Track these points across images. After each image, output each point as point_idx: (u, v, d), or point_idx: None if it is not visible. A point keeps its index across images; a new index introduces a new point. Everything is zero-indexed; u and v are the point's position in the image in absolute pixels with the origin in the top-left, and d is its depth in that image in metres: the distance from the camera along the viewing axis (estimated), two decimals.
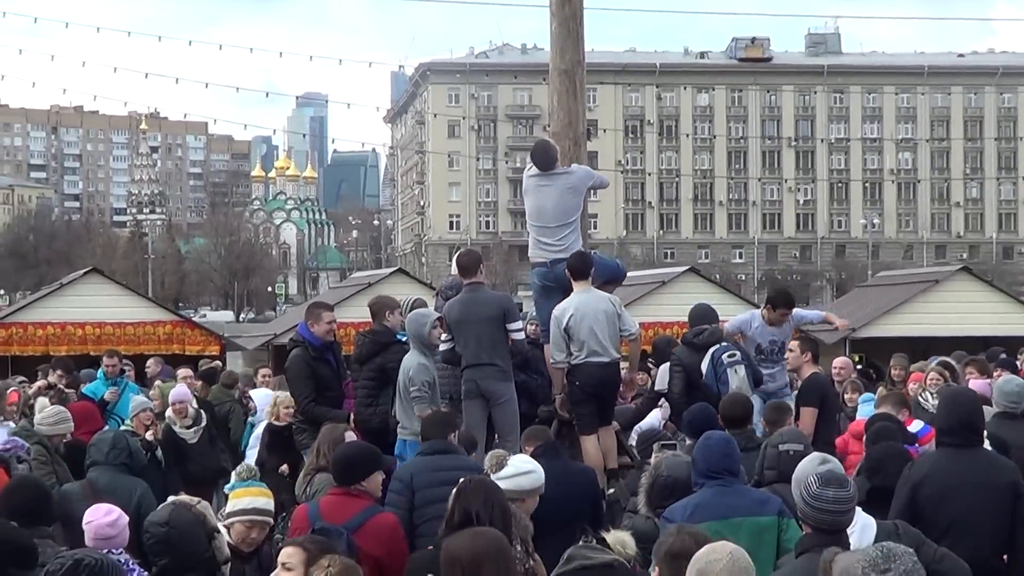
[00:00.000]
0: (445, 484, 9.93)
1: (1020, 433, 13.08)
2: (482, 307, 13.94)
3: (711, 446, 9.98)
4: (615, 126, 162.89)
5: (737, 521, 9.07)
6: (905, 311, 36.53)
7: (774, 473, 10.23)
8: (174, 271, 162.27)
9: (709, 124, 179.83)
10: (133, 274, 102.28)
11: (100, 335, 31.45)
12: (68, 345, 29.57)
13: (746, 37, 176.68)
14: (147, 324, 33.69)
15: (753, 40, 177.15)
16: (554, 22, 17.36)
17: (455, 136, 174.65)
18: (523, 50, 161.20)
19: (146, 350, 29.80)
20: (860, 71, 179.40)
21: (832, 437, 13.47)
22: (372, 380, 14.70)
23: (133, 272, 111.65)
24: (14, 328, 33.74)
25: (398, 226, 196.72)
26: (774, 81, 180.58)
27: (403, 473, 10.54)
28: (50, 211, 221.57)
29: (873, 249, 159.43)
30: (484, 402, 13.70)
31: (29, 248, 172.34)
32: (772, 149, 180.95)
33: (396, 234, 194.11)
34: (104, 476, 11.62)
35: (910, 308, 36.83)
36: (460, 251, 16.00)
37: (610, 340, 13.89)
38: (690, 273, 37.61)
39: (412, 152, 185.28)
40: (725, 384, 14.27)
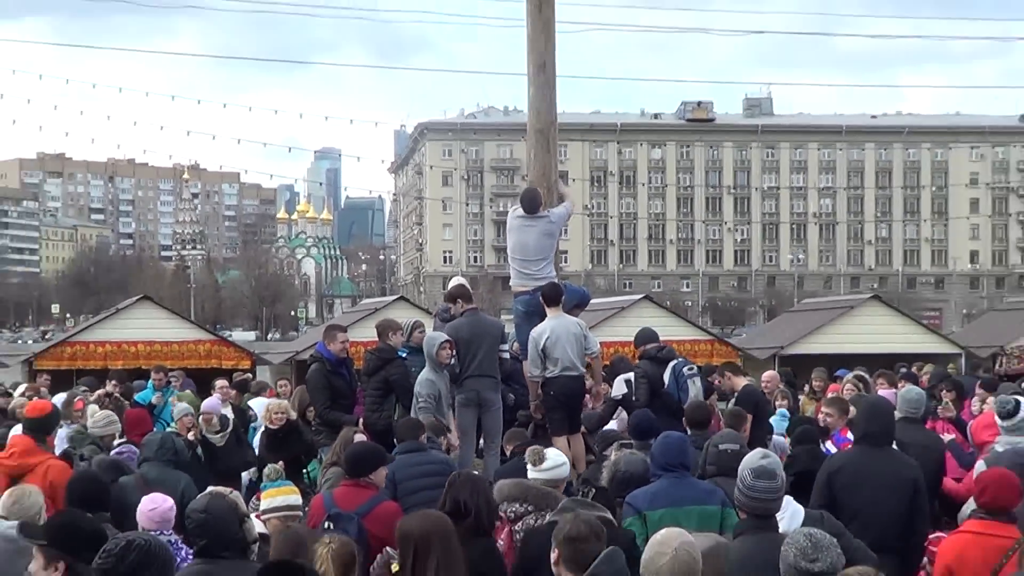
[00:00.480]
0: (421, 476, 10.66)
1: (918, 435, 13.23)
2: (487, 328, 14.07)
3: (669, 444, 10.07)
4: (583, 176, 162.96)
5: (688, 509, 9.17)
6: (825, 332, 36.57)
7: (715, 468, 10.26)
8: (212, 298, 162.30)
9: (661, 175, 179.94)
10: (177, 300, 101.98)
11: (150, 352, 31.42)
12: (123, 360, 29.52)
13: (693, 101, 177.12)
14: (189, 342, 33.65)
15: (699, 103, 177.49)
16: (531, 88, 17.40)
17: (448, 184, 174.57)
18: (505, 111, 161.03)
19: (189, 364, 29.75)
20: (788, 130, 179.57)
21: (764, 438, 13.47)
22: (378, 390, 14.67)
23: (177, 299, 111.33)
24: (78, 346, 33.73)
25: (400, 260, 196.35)
26: (716, 138, 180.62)
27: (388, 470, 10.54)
28: (108, 247, 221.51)
29: (798, 280, 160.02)
30: (477, 408, 13.78)
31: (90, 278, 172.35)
32: (714, 196, 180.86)
33: (399, 267, 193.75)
34: (154, 470, 11.65)
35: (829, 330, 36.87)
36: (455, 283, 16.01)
37: (578, 357, 14.00)
38: (645, 300, 37.56)
39: (412, 198, 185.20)
40: (686, 392, 14.36)
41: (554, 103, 17.60)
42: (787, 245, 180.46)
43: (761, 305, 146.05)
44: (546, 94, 17.40)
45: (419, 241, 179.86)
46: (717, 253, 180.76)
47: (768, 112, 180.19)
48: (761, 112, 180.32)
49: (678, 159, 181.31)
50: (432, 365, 14.04)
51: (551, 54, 17.28)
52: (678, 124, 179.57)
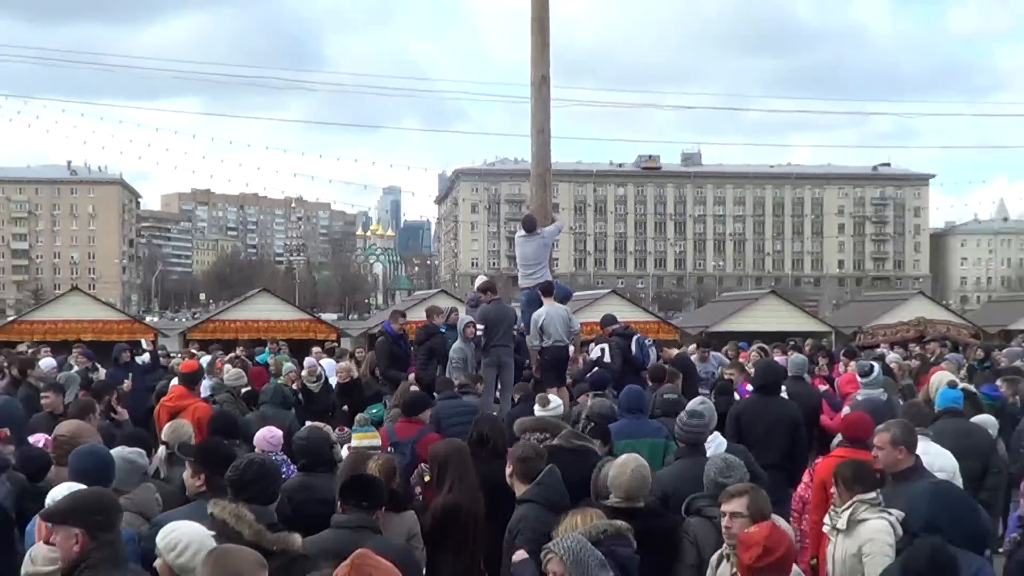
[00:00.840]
0: (454, 415, 10.69)
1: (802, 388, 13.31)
2: (506, 313, 14.17)
3: (631, 393, 10.14)
4: (569, 206, 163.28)
5: (642, 440, 9.16)
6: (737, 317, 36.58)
7: (660, 411, 10.30)
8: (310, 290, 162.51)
9: (624, 206, 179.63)
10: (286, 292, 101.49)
11: (267, 327, 31.37)
12: (248, 334, 29.53)
13: (646, 154, 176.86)
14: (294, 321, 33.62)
15: (650, 156, 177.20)
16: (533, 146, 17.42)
17: (475, 212, 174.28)
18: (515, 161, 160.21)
19: (294, 336, 29.80)
20: (712, 175, 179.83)
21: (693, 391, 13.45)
22: (425, 355, 14.79)
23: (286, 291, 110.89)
24: (217, 323, 33.77)
25: (441, 264, 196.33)
26: (662, 181, 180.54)
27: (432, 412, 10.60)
28: (238, 255, 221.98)
29: (719, 280, 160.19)
30: (497, 368, 13.79)
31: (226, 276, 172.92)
32: (660, 221, 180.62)
33: (440, 269, 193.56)
34: (269, 410, 11.70)
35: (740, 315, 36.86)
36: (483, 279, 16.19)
37: (564, 333, 14.01)
38: (612, 294, 37.73)
39: (450, 221, 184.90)
40: (648, 358, 14.51)
41: (549, 156, 17.63)
42: (711, 256, 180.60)
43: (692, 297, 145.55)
44: (543, 150, 17.44)
45: (455, 251, 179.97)
46: (662, 261, 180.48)
47: (698, 163, 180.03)
48: (693, 163, 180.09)
49: (635, 195, 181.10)
50: (462, 338, 14.23)
51: (547, 121, 17.29)
52: (635, 171, 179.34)
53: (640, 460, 6.95)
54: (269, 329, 31.13)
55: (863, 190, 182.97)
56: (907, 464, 7.53)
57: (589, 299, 34.22)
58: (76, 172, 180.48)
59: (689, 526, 6.62)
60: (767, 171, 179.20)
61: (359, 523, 6.00)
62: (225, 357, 19.36)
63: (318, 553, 5.64)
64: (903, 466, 7.52)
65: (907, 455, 7.57)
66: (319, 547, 5.75)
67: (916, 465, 7.60)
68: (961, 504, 6.15)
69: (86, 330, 30.30)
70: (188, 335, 33.01)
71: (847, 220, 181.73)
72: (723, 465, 6.75)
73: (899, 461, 7.53)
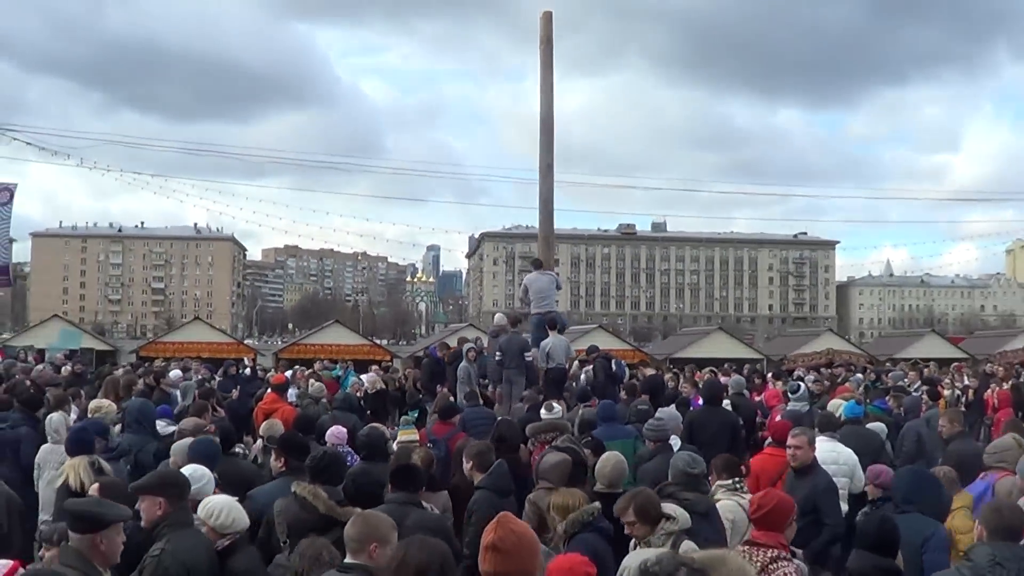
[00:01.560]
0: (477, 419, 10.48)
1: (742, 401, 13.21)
2: (519, 343, 13.79)
3: (605, 406, 10.07)
4: (567, 262, 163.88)
5: (620, 441, 8.97)
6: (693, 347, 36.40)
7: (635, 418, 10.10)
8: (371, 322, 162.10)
9: (608, 261, 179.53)
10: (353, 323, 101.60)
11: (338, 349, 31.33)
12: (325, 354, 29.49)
13: (625, 223, 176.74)
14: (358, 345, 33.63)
15: (628, 224, 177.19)
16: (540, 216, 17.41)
17: (496, 265, 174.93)
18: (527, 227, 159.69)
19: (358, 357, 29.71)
20: (675, 240, 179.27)
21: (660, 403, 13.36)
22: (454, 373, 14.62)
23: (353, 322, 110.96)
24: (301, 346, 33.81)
25: (470, 304, 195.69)
26: (637, 243, 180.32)
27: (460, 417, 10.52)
28: (317, 294, 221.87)
29: (680, 318, 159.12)
30: (510, 384, 13.47)
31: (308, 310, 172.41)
32: (635, 273, 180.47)
33: (469, 307, 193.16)
34: (339, 413, 11.57)
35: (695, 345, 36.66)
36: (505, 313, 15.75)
37: (565, 357, 13.86)
38: (598, 328, 37.49)
39: (477, 272, 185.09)
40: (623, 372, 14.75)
41: (552, 223, 17.59)
42: (674, 300, 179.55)
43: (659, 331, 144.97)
44: (548, 219, 17.39)
45: (480, 294, 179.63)
46: (637, 303, 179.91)
47: (664, 230, 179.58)
48: (661, 230, 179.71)
49: (616, 254, 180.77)
50: (466, 360, 14.28)
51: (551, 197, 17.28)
52: (617, 236, 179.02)
53: (619, 456, 6.89)
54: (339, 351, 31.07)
55: (787, 252, 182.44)
56: (811, 460, 7.62)
57: (581, 332, 34.05)
58: (200, 231, 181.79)
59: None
60: (716, 237, 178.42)
61: (405, 500, 5.97)
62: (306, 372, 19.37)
63: None
64: (809, 461, 7.59)
65: (812, 454, 7.67)
66: None
67: (814, 462, 7.69)
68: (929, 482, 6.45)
69: (204, 349, 30.42)
70: (279, 355, 33.00)
71: (775, 274, 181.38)
72: (689, 459, 6.62)
73: (809, 458, 7.59)
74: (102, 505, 4.63)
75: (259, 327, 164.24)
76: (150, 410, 10.37)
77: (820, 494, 7.28)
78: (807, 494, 7.17)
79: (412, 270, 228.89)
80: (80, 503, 4.73)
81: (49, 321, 36.44)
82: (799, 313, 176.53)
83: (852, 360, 32.49)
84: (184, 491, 5.32)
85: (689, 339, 40.25)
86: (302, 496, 5.58)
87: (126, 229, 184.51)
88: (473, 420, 10.58)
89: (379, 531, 4.27)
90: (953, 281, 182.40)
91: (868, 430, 10.27)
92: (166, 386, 13.78)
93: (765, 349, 43.03)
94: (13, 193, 29.92)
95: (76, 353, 27.59)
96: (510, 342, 13.77)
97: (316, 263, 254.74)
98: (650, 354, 37.21)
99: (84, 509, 4.55)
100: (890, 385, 16.81)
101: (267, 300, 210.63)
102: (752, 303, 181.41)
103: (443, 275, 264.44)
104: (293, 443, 7.06)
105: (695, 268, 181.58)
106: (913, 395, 14.70)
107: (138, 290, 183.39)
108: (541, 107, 17.21)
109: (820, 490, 7.33)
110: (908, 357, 30.18)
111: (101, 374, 17.64)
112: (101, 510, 4.52)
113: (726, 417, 10.59)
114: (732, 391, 13.45)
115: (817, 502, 7.19)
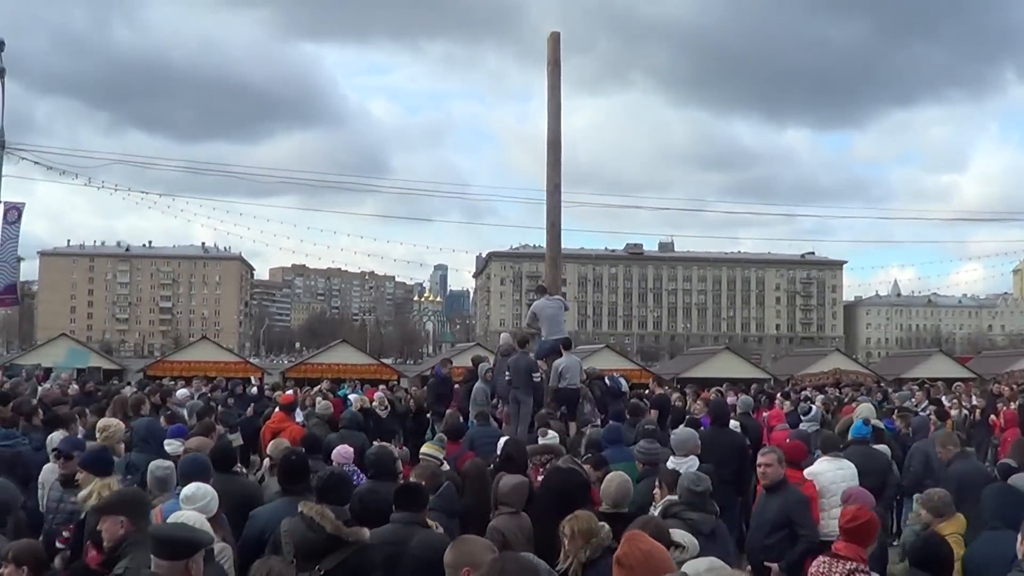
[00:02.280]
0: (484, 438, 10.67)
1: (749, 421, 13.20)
2: (527, 362, 13.67)
3: (611, 429, 10.16)
4: (574, 282, 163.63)
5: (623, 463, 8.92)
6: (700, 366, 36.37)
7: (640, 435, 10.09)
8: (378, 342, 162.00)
9: (615, 281, 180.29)
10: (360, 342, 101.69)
11: (345, 369, 31.43)
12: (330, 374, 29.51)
13: (632, 243, 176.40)
14: (365, 365, 33.72)
15: (635, 244, 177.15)
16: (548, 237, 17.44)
17: (503, 285, 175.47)
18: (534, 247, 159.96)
19: (365, 376, 29.78)
20: (682, 259, 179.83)
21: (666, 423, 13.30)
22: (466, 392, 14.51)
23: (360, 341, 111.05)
24: (308, 365, 33.89)
25: (477, 323, 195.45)
26: (644, 262, 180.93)
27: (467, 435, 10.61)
28: (324, 313, 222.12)
29: (687, 338, 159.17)
30: (518, 404, 13.33)
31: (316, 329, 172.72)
32: (642, 293, 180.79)
33: (477, 326, 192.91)
34: (347, 432, 11.50)
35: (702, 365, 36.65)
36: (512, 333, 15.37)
37: (577, 377, 13.77)
38: (606, 348, 37.55)
39: (484, 291, 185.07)
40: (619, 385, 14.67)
41: (559, 243, 17.58)
42: (681, 319, 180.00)
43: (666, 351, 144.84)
44: (555, 239, 17.38)
45: (487, 314, 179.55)
46: (644, 323, 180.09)
47: (671, 250, 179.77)
48: (668, 250, 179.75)
49: (624, 274, 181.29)
50: (482, 380, 14.25)
51: (558, 217, 17.26)
52: (624, 255, 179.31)
53: (624, 476, 6.86)
54: (347, 370, 31.18)
55: (794, 272, 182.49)
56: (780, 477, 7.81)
57: (588, 352, 34.04)
58: (207, 251, 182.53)
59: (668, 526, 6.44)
60: (723, 257, 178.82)
61: (410, 520, 5.93)
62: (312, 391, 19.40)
63: (380, 541, 5.69)
64: (779, 479, 7.80)
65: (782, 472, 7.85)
66: (381, 537, 5.78)
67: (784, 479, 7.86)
68: (1019, 499, 6.51)
69: (211, 368, 30.34)
70: (286, 374, 33.03)
71: (782, 294, 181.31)
72: (695, 477, 6.66)
73: (779, 475, 7.80)
74: (192, 530, 4.63)
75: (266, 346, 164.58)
76: (157, 429, 10.38)
77: (792, 506, 7.63)
78: (779, 508, 7.57)
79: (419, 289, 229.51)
80: (168, 528, 4.74)
81: (56, 340, 36.62)
82: (806, 333, 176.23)
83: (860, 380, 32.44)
84: (146, 510, 5.41)
85: (696, 359, 40.23)
86: (309, 516, 5.55)
87: (133, 248, 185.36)
88: (480, 439, 10.57)
89: (473, 556, 4.26)
90: (960, 301, 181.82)
91: (875, 450, 10.26)
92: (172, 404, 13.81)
93: (772, 369, 42.95)
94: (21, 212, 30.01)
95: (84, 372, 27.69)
96: (518, 362, 13.72)
97: (323, 282, 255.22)
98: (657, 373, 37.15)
99: (175, 535, 4.53)
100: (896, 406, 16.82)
101: (274, 319, 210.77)
102: (759, 323, 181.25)
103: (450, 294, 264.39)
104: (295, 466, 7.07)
105: (702, 288, 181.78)
106: (921, 415, 14.68)
107: (145, 309, 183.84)
108: (549, 128, 17.22)
109: (792, 502, 7.66)
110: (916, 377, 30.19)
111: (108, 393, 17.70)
112: (193, 535, 4.52)
113: (733, 438, 10.60)
114: (739, 411, 13.44)
115: (791, 514, 7.57)
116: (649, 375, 34.16)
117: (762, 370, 38.83)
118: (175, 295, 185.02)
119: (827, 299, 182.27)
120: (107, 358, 39.91)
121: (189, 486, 6.08)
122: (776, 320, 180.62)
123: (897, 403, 17.53)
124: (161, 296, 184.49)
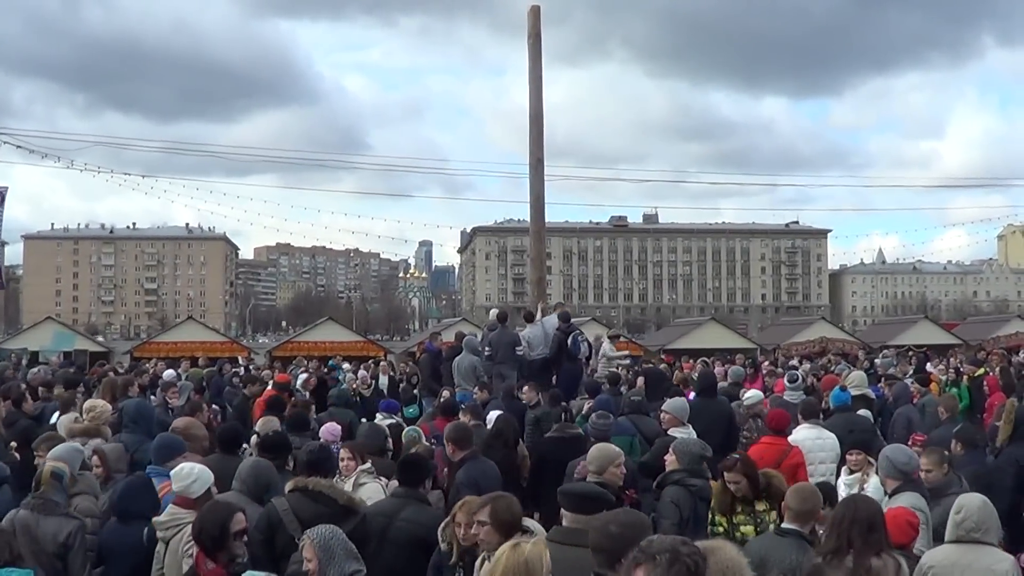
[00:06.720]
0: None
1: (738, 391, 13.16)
2: (511, 337, 13.71)
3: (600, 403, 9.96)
4: (559, 255, 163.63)
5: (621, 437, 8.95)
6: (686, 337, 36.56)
7: (628, 409, 10.14)
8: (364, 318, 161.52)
9: (601, 254, 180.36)
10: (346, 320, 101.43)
11: (332, 346, 31.45)
12: (318, 352, 29.55)
13: (616, 215, 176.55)
14: (352, 342, 33.75)
15: (620, 217, 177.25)
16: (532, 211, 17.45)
17: (488, 259, 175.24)
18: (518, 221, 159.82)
19: (352, 353, 29.76)
20: (666, 231, 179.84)
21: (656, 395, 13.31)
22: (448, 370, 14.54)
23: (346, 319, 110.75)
24: (295, 343, 33.88)
25: (463, 298, 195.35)
26: (628, 235, 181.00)
27: None
28: (310, 292, 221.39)
29: (673, 309, 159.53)
30: (502, 379, 13.27)
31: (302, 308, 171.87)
32: (628, 265, 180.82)
33: (462, 302, 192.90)
34: (336, 410, 11.55)
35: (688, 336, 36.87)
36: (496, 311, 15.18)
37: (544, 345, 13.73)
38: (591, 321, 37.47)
39: (469, 266, 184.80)
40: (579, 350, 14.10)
41: (543, 217, 17.61)
42: (667, 291, 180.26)
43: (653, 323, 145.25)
44: (539, 213, 17.42)
45: (473, 289, 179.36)
46: (630, 295, 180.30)
47: (655, 222, 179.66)
48: (652, 222, 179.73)
49: (609, 247, 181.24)
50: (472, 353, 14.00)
51: (542, 191, 17.28)
52: (609, 228, 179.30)
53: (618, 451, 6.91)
54: (333, 348, 31.18)
55: (779, 242, 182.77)
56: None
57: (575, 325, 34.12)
58: (191, 231, 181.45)
59: (670, 493, 6.46)
60: (707, 228, 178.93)
61: (406, 494, 6.02)
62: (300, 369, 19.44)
63: (375, 512, 5.83)
64: None
65: None
66: (378, 509, 5.95)
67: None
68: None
69: (197, 349, 30.30)
70: (273, 353, 33.07)
71: (767, 264, 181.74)
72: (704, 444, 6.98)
73: None
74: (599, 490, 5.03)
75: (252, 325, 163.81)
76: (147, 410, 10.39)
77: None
78: None
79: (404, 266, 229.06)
80: (581, 487, 5.07)
81: (42, 323, 36.45)
82: (792, 302, 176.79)
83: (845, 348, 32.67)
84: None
85: (683, 330, 40.39)
86: (316, 490, 5.60)
87: (117, 230, 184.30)
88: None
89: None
90: (945, 267, 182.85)
91: (857, 416, 10.37)
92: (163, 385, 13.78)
93: (759, 339, 43.21)
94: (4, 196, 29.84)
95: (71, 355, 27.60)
96: (500, 337, 13.73)
97: (308, 260, 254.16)
98: (644, 345, 37.32)
99: (592, 492, 4.89)
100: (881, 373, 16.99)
101: (260, 298, 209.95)
102: (745, 293, 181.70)
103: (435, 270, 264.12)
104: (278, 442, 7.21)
105: (687, 259, 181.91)
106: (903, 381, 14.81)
107: (131, 291, 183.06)
108: (530, 102, 17.17)
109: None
110: (902, 344, 30.38)
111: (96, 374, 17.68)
112: (604, 494, 4.92)
113: (720, 408, 10.62)
114: (730, 381, 13.50)
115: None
116: (636, 347, 34.38)
117: (748, 340, 39.04)
118: (160, 276, 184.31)
119: (812, 268, 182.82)
120: (93, 341, 39.83)
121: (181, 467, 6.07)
122: (761, 290, 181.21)
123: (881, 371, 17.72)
124: (146, 278, 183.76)
